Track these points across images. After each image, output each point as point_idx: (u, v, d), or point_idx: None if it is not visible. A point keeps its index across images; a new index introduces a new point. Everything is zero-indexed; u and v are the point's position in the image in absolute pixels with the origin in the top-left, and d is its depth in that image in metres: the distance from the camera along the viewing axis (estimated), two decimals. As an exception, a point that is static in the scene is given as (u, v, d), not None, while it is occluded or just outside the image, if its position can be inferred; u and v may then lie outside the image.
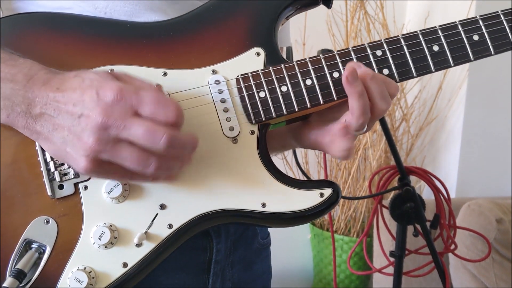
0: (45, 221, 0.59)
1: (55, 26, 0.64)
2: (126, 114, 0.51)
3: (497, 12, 0.67)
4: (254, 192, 0.63)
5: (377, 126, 2.42)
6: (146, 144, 0.51)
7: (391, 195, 1.27)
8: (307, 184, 0.64)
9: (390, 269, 1.31)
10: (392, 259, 1.30)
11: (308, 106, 0.64)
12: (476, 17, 0.67)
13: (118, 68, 0.62)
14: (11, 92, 0.54)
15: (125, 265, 0.59)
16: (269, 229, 0.87)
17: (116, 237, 0.60)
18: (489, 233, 1.77)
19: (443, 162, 2.40)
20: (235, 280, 0.79)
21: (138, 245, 0.60)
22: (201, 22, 0.66)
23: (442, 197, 1.27)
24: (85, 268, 0.58)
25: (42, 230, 0.59)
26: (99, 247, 0.59)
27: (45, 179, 0.60)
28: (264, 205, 0.63)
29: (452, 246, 1.27)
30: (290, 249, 2.60)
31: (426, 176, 1.26)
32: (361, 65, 0.63)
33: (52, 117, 0.53)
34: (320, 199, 0.63)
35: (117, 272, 0.59)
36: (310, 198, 0.63)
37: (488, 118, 2.25)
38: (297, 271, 2.67)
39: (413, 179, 1.26)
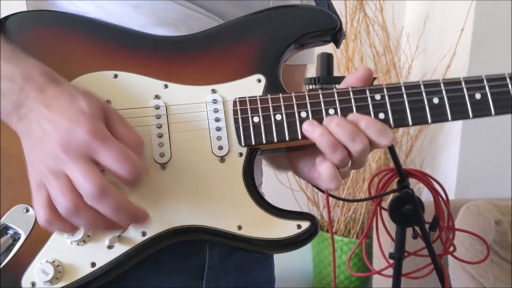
0: (25, 209, 0.60)
1: (72, 26, 0.66)
2: (81, 156, 0.51)
3: (504, 74, 0.66)
4: (232, 213, 0.63)
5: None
6: (77, 182, 0.51)
7: (390, 197, 1.28)
8: (287, 214, 0.64)
9: (389, 271, 1.32)
10: (391, 261, 1.31)
11: (299, 137, 0.64)
12: (481, 76, 0.66)
13: (122, 74, 0.64)
14: (9, 91, 0.56)
15: (93, 264, 0.60)
16: None
17: (89, 236, 0.60)
18: (487, 235, 1.78)
19: (442, 163, 2.41)
20: (231, 287, 0.78)
21: (110, 247, 0.60)
22: (209, 42, 0.68)
23: (441, 200, 1.27)
24: (53, 261, 0.59)
25: (20, 218, 0.60)
26: (71, 242, 0.60)
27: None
28: (240, 227, 0.63)
29: (451, 248, 1.27)
30: (289, 250, 2.61)
31: (425, 178, 1.27)
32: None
33: (30, 123, 0.55)
34: (297, 231, 0.63)
35: (84, 270, 0.60)
36: (286, 228, 0.63)
37: (487, 119, 2.25)
38: (297, 272, 2.68)
39: (412, 181, 1.27)
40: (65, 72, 0.61)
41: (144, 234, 0.61)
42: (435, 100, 0.65)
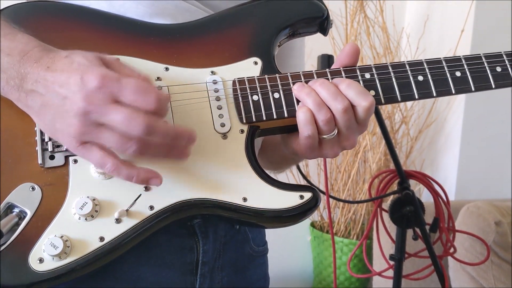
0: (31, 187, 0.61)
1: (71, 14, 0.68)
2: (106, 101, 0.54)
3: (479, 54, 0.72)
4: (237, 186, 0.65)
5: (377, 128, 2.43)
6: (124, 130, 0.54)
7: (390, 198, 1.28)
8: (289, 186, 0.67)
9: (390, 272, 1.32)
10: (391, 262, 1.31)
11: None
12: (459, 56, 0.73)
13: (123, 58, 0.65)
14: (7, 66, 0.57)
15: (102, 239, 0.60)
16: (270, 230, 0.87)
17: (97, 211, 0.61)
18: (487, 236, 1.78)
19: (442, 164, 2.41)
20: (225, 284, 0.78)
21: (118, 220, 0.61)
22: (206, 28, 0.71)
23: (441, 201, 1.28)
24: (62, 236, 0.59)
25: (26, 196, 0.61)
26: (79, 218, 0.60)
27: (38, 148, 0.62)
28: (245, 199, 0.65)
29: (451, 250, 1.28)
30: (290, 251, 2.61)
31: (426, 180, 1.27)
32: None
33: (42, 95, 0.56)
34: (300, 201, 0.65)
35: (93, 244, 0.60)
36: (290, 199, 0.66)
37: (487, 120, 2.26)
38: (297, 273, 2.68)
39: (412, 182, 1.27)
40: None
41: (151, 208, 0.63)
42: (420, 78, 0.70)
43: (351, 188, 2.42)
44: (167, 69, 0.68)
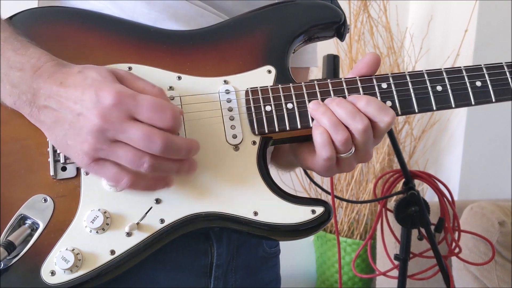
0: (43, 199, 0.61)
1: (84, 21, 0.68)
2: (122, 118, 0.53)
3: (501, 63, 0.69)
4: (248, 199, 0.64)
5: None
6: (143, 148, 0.54)
7: (393, 198, 1.28)
8: (301, 200, 0.66)
9: (393, 273, 1.32)
10: (396, 262, 1.31)
11: (310, 125, 0.66)
12: (480, 65, 0.70)
13: (136, 67, 0.66)
14: (19, 81, 0.57)
15: (112, 252, 0.61)
16: None
17: (108, 224, 0.61)
18: (491, 236, 1.78)
19: (446, 164, 2.41)
20: (238, 285, 0.79)
21: (129, 234, 0.61)
22: (220, 35, 0.70)
23: (446, 201, 1.28)
24: (73, 250, 0.60)
25: (38, 208, 0.61)
26: (91, 231, 0.60)
27: (50, 159, 0.62)
28: (256, 213, 0.64)
29: (457, 250, 1.28)
30: (293, 250, 2.61)
31: (431, 180, 1.27)
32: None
33: (55, 110, 0.55)
34: (311, 216, 0.65)
35: (104, 258, 0.60)
36: (301, 214, 0.65)
37: (490, 120, 2.26)
38: (300, 273, 2.68)
39: (415, 182, 1.27)
40: (84, 63, 0.62)
41: (162, 221, 0.62)
42: (439, 88, 0.68)
43: (355, 188, 2.42)
44: (179, 78, 0.67)
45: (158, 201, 0.63)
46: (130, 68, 0.66)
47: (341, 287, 1.42)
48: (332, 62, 1.21)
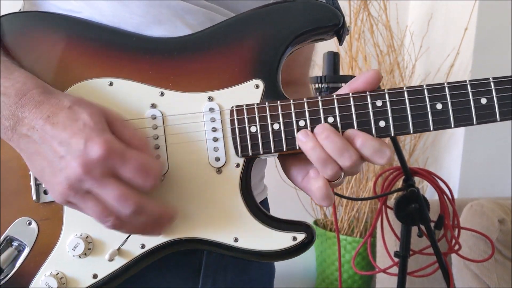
0: (28, 222, 0.62)
1: (65, 29, 0.64)
2: (104, 175, 0.52)
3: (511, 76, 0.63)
4: (229, 225, 0.64)
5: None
6: (113, 207, 0.53)
7: (394, 195, 1.29)
8: (283, 225, 0.64)
9: (393, 270, 1.32)
10: (396, 259, 1.31)
11: (297, 147, 0.63)
12: (489, 78, 0.63)
13: (117, 82, 0.63)
14: (2, 106, 0.54)
15: (95, 276, 0.62)
16: None
17: (90, 249, 0.62)
18: (491, 234, 1.78)
19: (446, 162, 2.41)
20: (228, 284, 0.78)
21: (110, 260, 0.62)
22: (205, 45, 0.65)
23: (446, 198, 1.28)
24: (57, 274, 0.61)
25: (24, 230, 0.62)
26: (73, 256, 0.62)
27: (32, 183, 0.62)
28: (236, 240, 0.64)
29: (456, 247, 1.28)
30: (293, 249, 2.61)
31: (431, 177, 1.27)
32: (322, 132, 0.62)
33: (36, 143, 0.53)
34: (292, 243, 0.64)
35: (86, 282, 0.62)
36: (282, 240, 0.64)
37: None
38: (300, 271, 2.69)
39: (415, 179, 1.28)
40: (59, 79, 0.62)
41: (143, 246, 0.63)
42: (439, 106, 0.62)
43: (355, 186, 2.42)
44: (162, 94, 0.64)
45: None
46: (111, 83, 0.63)
47: (341, 285, 1.42)
48: (332, 59, 1.21)
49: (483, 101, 0.62)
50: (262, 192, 0.86)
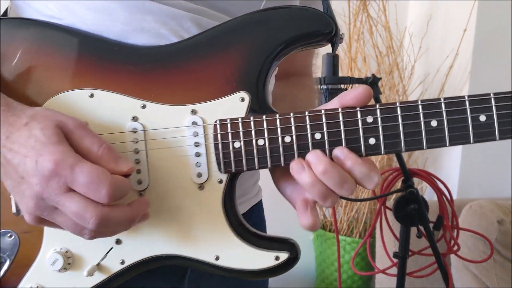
0: (9, 235, 0.62)
1: (45, 37, 0.62)
2: (60, 190, 0.51)
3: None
4: (210, 243, 0.62)
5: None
6: (77, 222, 0.53)
7: (393, 196, 1.29)
8: (267, 243, 0.63)
9: (392, 270, 1.33)
10: (395, 260, 1.32)
11: (282, 164, 0.60)
12: (489, 94, 0.59)
13: (98, 93, 0.61)
14: None
15: None
16: (271, 228, 0.86)
17: (70, 263, 0.61)
18: (490, 234, 1.78)
19: (445, 163, 2.42)
20: (213, 284, 0.77)
21: (89, 275, 0.61)
22: (189, 55, 0.63)
23: (445, 199, 1.28)
24: (37, 287, 0.61)
25: (5, 243, 0.62)
26: (53, 270, 0.61)
27: (12, 197, 0.61)
28: (217, 258, 0.62)
29: (455, 247, 1.29)
30: (292, 249, 2.62)
31: (430, 178, 1.28)
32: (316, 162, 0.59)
33: (3, 165, 0.54)
34: (274, 263, 0.62)
35: None
36: (264, 260, 0.62)
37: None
38: (299, 271, 2.69)
39: (415, 180, 1.28)
40: (38, 90, 0.61)
41: (123, 262, 0.62)
42: (433, 123, 0.59)
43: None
44: (144, 106, 0.61)
45: (118, 241, 0.62)
46: (92, 95, 0.61)
47: (340, 285, 1.43)
48: (332, 61, 1.22)
49: (482, 118, 0.58)
50: (255, 196, 0.85)
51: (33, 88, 0.61)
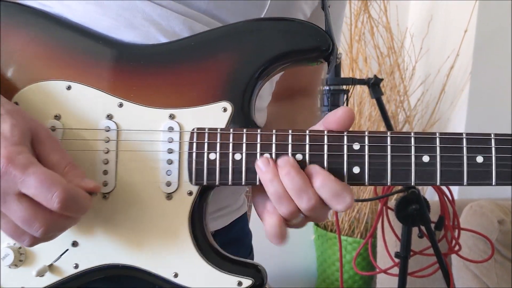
0: None
1: (30, 22, 0.60)
2: (7, 190, 0.48)
3: None
4: (171, 258, 0.58)
5: (381, 128, 2.44)
6: (21, 228, 0.50)
7: (394, 196, 1.30)
8: (231, 265, 0.59)
9: (394, 270, 1.34)
10: (396, 260, 1.33)
11: (257, 182, 0.57)
12: (490, 134, 0.55)
13: (76, 86, 0.59)
14: None
15: None
16: None
17: (21, 260, 0.58)
18: (491, 234, 1.79)
19: (446, 163, 2.42)
20: None
21: (39, 276, 0.58)
22: (176, 57, 0.60)
23: (446, 199, 1.29)
24: None
25: None
26: (4, 265, 0.58)
27: None
28: (176, 275, 0.58)
29: (456, 247, 1.29)
30: (294, 249, 2.63)
31: (431, 178, 1.28)
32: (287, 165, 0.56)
33: None
34: None
35: None
36: (226, 284, 0.58)
37: (490, 120, 2.27)
38: (300, 271, 2.70)
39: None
40: (17, 76, 0.59)
41: (76, 266, 0.58)
42: (425, 159, 0.55)
43: (355, 187, 2.43)
44: (121, 105, 0.59)
45: (75, 244, 0.59)
46: (69, 87, 0.59)
47: (342, 285, 1.43)
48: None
49: (479, 159, 0.54)
50: (238, 209, 0.80)
51: (12, 72, 0.59)
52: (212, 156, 0.57)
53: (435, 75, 2.40)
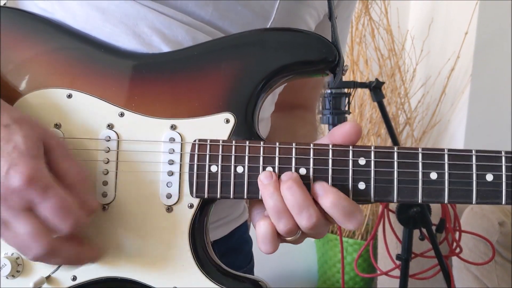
0: None
1: (31, 28, 0.60)
2: (19, 207, 0.48)
3: None
4: (170, 273, 0.57)
5: (382, 130, 2.45)
6: (25, 243, 0.50)
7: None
8: (230, 281, 0.58)
9: (395, 272, 1.34)
10: (398, 262, 1.33)
11: (259, 197, 0.55)
12: (501, 152, 0.54)
13: (77, 95, 0.59)
14: None
15: None
16: None
17: (19, 271, 0.58)
18: (491, 236, 1.79)
19: (446, 165, 2.43)
20: None
21: (36, 287, 0.58)
22: (179, 67, 0.59)
23: (447, 202, 1.30)
24: None
25: None
26: (1, 276, 0.58)
27: None
28: None
29: (457, 250, 1.30)
30: (295, 251, 2.63)
31: (432, 181, 1.29)
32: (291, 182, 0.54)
33: None
34: None
35: None
36: None
37: (490, 122, 2.28)
38: (301, 273, 2.70)
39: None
40: (18, 83, 0.59)
41: (74, 278, 0.57)
42: (433, 176, 0.53)
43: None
44: (122, 114, 0.58)
45: None
46: (70, 96, 0.58)
47: (343, 287, 1.44)
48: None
49: (489, 177, 0.53)
50: (239, 217, 0.79)
51: (12, 79, 0.58)
52: (213, 168, 0.56)
53: (435, 77, 2.40)
